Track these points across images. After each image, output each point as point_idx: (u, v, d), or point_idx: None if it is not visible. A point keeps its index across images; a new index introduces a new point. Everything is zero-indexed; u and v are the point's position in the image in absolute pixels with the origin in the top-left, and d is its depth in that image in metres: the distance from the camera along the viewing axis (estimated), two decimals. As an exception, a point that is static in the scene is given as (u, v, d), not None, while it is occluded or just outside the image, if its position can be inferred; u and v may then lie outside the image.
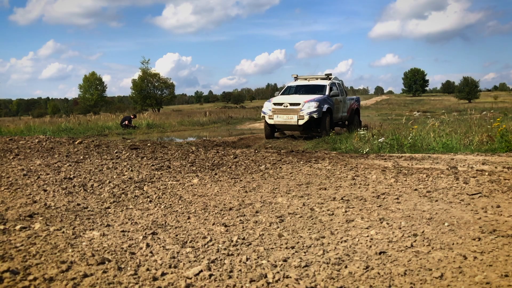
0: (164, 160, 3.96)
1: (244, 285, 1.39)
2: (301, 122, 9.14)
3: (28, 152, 4.18)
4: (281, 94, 10.45)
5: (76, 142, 4.94)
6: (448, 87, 79.39)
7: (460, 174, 3.15)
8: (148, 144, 5.30)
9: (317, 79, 11.45)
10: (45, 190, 2.73)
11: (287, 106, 9.25)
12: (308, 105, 9.20)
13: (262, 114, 9.72)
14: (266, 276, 1.44)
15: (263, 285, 1.39)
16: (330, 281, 1.42)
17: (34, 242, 1.74)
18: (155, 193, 2.78)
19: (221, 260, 1.62)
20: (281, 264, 1.57)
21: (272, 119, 9.36)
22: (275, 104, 9.52)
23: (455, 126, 7.63)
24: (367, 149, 6.10)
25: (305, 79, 11.55)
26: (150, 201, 2.58)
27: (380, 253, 1.66)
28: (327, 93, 9.98)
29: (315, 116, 9.10)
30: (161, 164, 3.78)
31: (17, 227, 1.93)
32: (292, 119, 9.18)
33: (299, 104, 9.24)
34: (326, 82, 10.68)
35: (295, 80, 11.54)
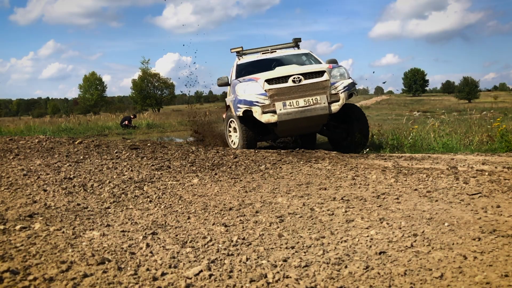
0: (164, 160, 3.96)
1: (244, 285, 1.39)
2: (335, 108, 4.94)
3: (28, 152, 4.18)
4: (239, 78, 5.78)
5: (76, 142, 4.94)
6: (448, 87, 79.42)
7: (460, 174, 3.15)
8: (148, 144, 5.30)
9: (279, 49, 7.02)
10: (45, 190, 2.73)
11: (299, 81, 4.94)
12: (336, 72, 5.15)
13: (243, 108, 5.10)
14: (266, 276, 1.44)
15: (263, 285, 1.39)
16: (330, 281, 1.42)
17: (34, 242, 1.74)
18: (155, 193, 2.78)
19: (221, 260, 1.62)
20: (281, 264, 1.57)
21: (273, 112, 4.91)
22: (270, 81, 5.04)
23: (455, 126, 7.64)
24: (367, 149, 6.10)
25: (262, 52, 6.94)
26: (150, 201, 2.58)
27: (380, 253, 1.66)
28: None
29: (355, 92, 5.19)
30: (161, 164, 3.78)
31: (17, 227, 1.93)
32: (317, 104, 4.87)
33: (322, 72, 5.02)
34: (302, 51, 6.81)
35: (240, 58, 6.84)
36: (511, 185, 2.78)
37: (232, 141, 5.65)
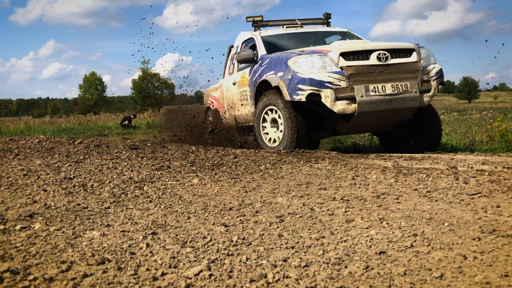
0: (164, 160, 3.96)
1: (244, 285, 1.39)
2: (426, 100, 4.05)
3: (28, 152, 4.18)
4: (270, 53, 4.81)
5: (76, 142, 4.94)
6: (448, 87, 79.34)
7: (460, 174, 3.15)
8: (148, 144, 5.31)
9: (308, 24, 5.96)
10: (45, 190, 2.73)
11: (386, 59, 3.90)
12: (424, 53, 4.24)
13: (308, 91, 3.88)
14: (266, 276, 1.44)
15: (263, 285, 1.39)
16: (330, 281, 1.42)
17: (34, 242, 1.74)
18: (155, 193, 2.78)
19: (221, 260, 1.62)
20: (281, 264, 1.57)
21: (351, 98, 3.85)
22: (346, 56, 3.94)
23: (455, 126, 7.64)
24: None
25: (286, 25, 5.82)
26: (150, 201, 2.58)
27: (380, 253, 1.66)
28: None
29: (444, 82, 4.32)
30: (161, 164, 3.78)
31: (17, 227, 1.93)
32: (407, 93, 3.87)
33: (410, 51, 4.07)
34: (338, 28, 5.67)
35: (257, 30, 5.82)
36: (511, 185, 2.78)
37: (269, 138, 4.40)
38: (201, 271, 1.47)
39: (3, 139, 5.26)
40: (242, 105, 5.53)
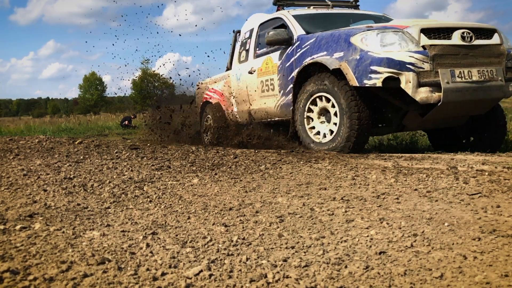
0: (164, 160, 3.96)
1: (244, 285, 1.39)
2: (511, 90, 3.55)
3: (28, 152, 4.18)
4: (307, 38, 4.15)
5: (76, 142, 4.94)
6: (448, 87, 79.15)
7: (460, 174, 3.15)
8: (148, 144, 5.31)
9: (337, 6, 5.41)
10: (45, 190, 2.73)
11: (470, 39, 3.37)
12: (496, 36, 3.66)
13: (385, 73, 3.23)
14: (266, 276, 1.44)
15: (263, 285, 1.39)
16: (330, 281, 1.42)
17: (34, 242, 1.74)
18: (155, 193, 2.78)
19: (221, 260, 1.62)
20: (281, 264, 1.57)
21: (435, 85, 3.26)
22: (427, 32, 3.36)
23: (455, 126, 7.64)
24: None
25: (313, 6, 5.26)
26: (150, 201, 2.58)
27: (380, 253, 1.66)
28: None
29: None
30: (161, 164, 3.78)
31: (17, 227, 1.93)
32: (492, 81, 3.40)
33: (492, 32, 3.62)
34: (374, 12, 5.14)
35: (280, 9, 5.28)
36: (511, 185, 2.78)
37: (317, 132, 3.86)
38: (201, 271, 1.47)
39: (3, 139, 5.26)
40: (263, 97, 4.86)
